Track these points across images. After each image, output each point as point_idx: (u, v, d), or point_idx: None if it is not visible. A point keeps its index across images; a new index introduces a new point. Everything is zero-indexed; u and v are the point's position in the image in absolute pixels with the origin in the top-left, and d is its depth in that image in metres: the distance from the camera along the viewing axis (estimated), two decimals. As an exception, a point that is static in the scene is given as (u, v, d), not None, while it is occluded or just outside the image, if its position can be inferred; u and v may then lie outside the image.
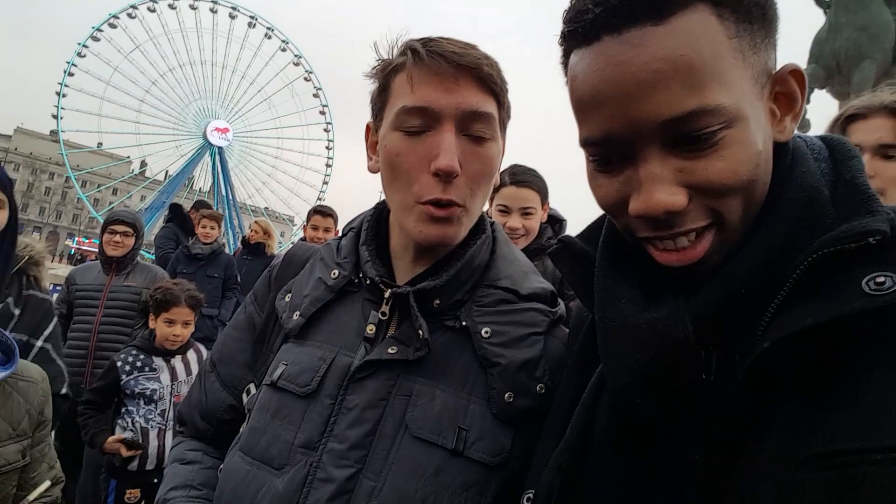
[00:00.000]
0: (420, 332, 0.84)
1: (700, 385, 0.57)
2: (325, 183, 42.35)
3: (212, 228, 5.25)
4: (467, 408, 0.83)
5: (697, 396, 0.57)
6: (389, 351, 0.84)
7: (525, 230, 2.23)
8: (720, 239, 0.57)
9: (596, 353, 0.65)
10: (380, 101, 0.89)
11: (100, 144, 47.42)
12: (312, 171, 45.42)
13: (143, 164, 49.67)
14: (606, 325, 0.62)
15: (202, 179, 47.29)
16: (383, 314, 0.88)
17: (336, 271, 0.94)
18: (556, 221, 2.44)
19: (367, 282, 0.91)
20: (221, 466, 0.94)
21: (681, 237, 0.57)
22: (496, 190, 2.24)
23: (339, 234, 1.04)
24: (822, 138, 0.64)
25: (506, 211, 2.26)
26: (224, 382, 1.02)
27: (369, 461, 0.80)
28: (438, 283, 0.86)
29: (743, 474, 0.49)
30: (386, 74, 0.87)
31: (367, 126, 0.95)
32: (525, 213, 2.23)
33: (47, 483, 1.53)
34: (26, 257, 1.89)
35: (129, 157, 47.63)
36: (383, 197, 0.95)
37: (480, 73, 0.83)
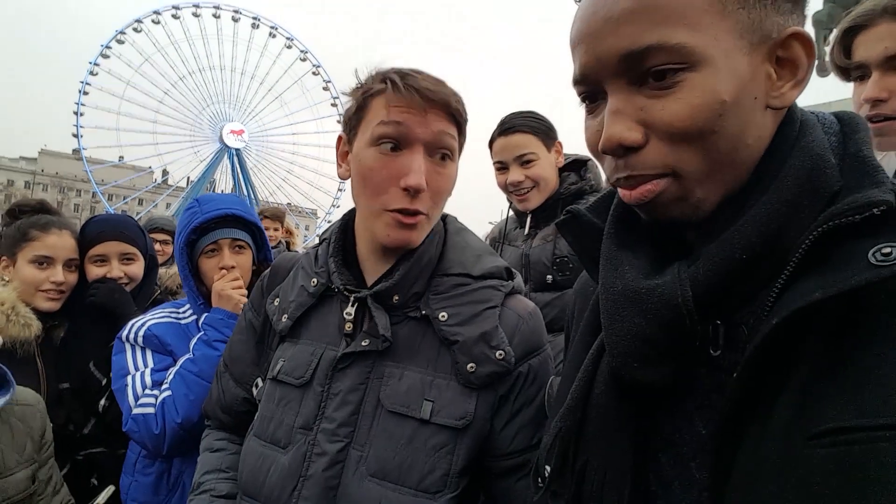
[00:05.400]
0: (378, 328, 0.98)
1: (709, 359, 0.57)
2: (343, 174, 42.41)
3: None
4: (432, 382, 0.96)
5: (706, 370, 0.57)
6: (363, 344, 0.98)
7: (532, 180, 1.89)
8: (677, 188, 0.57)
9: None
10: (355, 119, 1.00)
11: (121, 158, 48.44)
12: (330, 164, 45.70)
13: (165, 172, 50.63)
14: (608, 290, 0.62)
15: (223, 182, 48.05)
16: (348, 314, 1.02)
17: (315, 280, 1.08)
18: (580, 164, 2.00)
19: (336, 290, 1.05)
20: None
21: (638, 178, 0.59)
22: (489, 148, 1.99)
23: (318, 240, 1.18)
24: (834, 114, 0.63)
25: (503, 167, 1.94)
26: (236, 380, 1.18)
27: (356, 436, 0.95)
28: (392, 283, 1.00)
29: (750, 450, 0.50)
30: (364, 97, 0.98)
31: (340, 137, 1.08)
32: (524, 161, 1.89)
33: (111, 488, 1.55)
34: (156, 293, 1.99)
35: (150, 167, 48.51)
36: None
37: (449, 108, 0.97)
